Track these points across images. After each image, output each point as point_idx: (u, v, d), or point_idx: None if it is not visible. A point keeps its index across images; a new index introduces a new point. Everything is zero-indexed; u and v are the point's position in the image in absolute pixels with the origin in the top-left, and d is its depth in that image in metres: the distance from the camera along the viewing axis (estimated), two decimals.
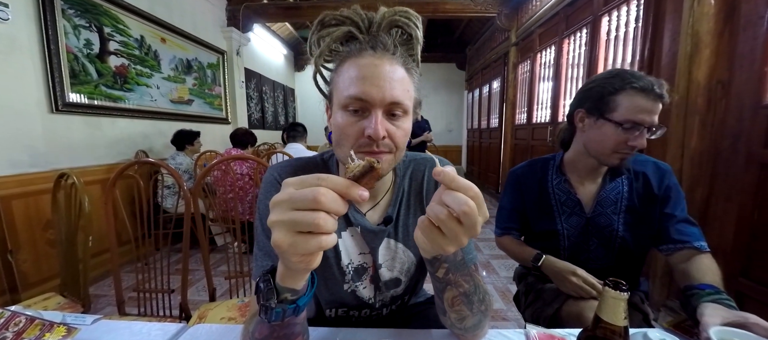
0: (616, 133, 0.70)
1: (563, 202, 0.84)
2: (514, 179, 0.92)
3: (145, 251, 1.07)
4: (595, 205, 0.80)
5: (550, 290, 0.82)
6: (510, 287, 1.97)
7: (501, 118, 4.16)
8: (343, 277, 0.57)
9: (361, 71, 0.44)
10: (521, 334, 0.56)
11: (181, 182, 0.99)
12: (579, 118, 0.79)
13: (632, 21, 1.92)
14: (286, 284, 0.35)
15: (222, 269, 2.13)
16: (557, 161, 0.87)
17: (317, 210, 0.29)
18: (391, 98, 0.44)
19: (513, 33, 3.72)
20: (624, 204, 0.79)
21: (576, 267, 0.76)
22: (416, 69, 0.50)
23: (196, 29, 3.14)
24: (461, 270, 0.43)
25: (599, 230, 0.80)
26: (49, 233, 1.79)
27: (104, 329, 0.57)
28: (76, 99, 1.99)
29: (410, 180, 0.59)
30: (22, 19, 1.71)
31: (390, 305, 0.63)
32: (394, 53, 0.46)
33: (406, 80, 0.47)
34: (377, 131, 0.43)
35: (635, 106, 0.67)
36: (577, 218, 0.82)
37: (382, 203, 0.57)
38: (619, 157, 0.73)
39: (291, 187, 0.30)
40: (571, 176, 0.84)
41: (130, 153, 2.40)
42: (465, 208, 0.31)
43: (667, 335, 0.52)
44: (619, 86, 0.69)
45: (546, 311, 0.79)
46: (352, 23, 0.48)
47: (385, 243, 0.57)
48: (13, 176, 1.65)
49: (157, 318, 1.02)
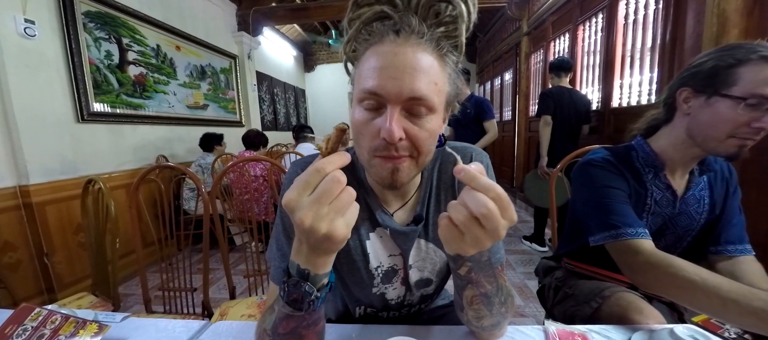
0: (736, 112, 0.56)
1: (659, 199, 0.69)
2: (610, 164, 0.70)
3: (169, 251, 1.11)
4: (682, 202, 0.69)
5: (585, 287, 0.74)
6: (527, 282, 1.93)
7: (514, 111, 4.06)
8: (371, 280, 0.55)
9: (378, 61, 0.38)
10: (540, 330, 0.55)
11: (199, 184, 1.02)
12: (684, 98, 0.63)
13: (652, 2, 1.83)
14: (306, 265, 0.35)
15: (241, 268, 2.19)
16: (645, 150, 0.71)
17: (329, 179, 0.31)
18: (410, 93, 0.37)
19: (524, 22, 3.61)
20: (706, 202, 0.70)
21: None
22: (454, 56, 0.42)
23: (208, 36, 3.22)
24: (485, 271, 0.40)
25: (675, 230, 0.71)
26: (80, 236, 1.89)
27: (132, 326, 0.60)
28: (99, 108, 2.08)
29: (439, 174, 0.54)
30: (48, 34, 1.80)
31: (419, 304, 0.61)
32: (422, 36, 0.39)
33: (435, 70, 0.39)
34: (391, 132, 0.37)
35: (764, 78, 0.53)
36: (660, 219, 0.70)
37: (410, 202, 0.53)
38: (738, 145, 0.58)
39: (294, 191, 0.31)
40: (668, 167, 0.69)
41: (151, 158, 2.49)
42: (483, 210, 0.29)
43: (696, 331, 0.50)
44: (742, 56, 0.55)
45: (583, 311, 0.71)
46: (387, 1, 0.41)
47: (416, 244, 0.53)
48: (46, 183, 1.75)
49: (182, 316, 1.06)
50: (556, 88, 2.21)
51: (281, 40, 5.12)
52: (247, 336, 0.56)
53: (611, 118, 2.21)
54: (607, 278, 0.75)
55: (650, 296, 0.72)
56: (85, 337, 0.52)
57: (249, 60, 3.88)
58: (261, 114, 4.31)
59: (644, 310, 0.62)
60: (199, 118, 3.09)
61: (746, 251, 0.66)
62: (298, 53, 5.91)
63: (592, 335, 0.53)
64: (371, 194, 0.52)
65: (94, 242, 1.07)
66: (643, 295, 0.70)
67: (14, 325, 0.53)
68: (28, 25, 1.67)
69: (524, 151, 3.78)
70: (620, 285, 0.71)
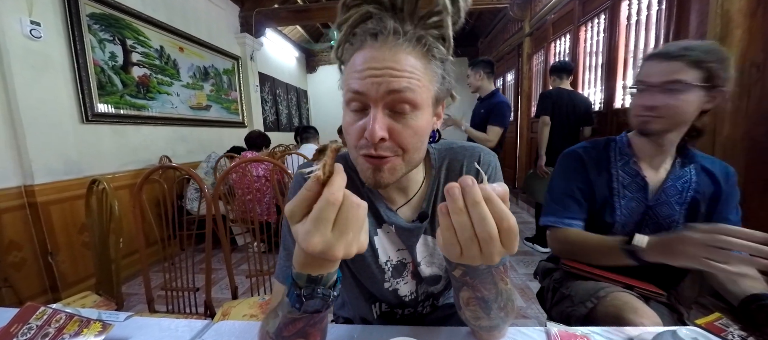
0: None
1: (627, 185, 0.76)
2: (575, 158, 0.80)
3: (171, 251, 1.12)
4: (660, 192, 0.74)
5: (581, 288, 0.76)
6: (529, 284, 1.92)
7: (516, 112, 4.05)
8: (382, 275, 0.55)
9: (360, 63, 0.39)
10: (542, 332, 0.55)
11: (202, 185, 1.03)
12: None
13: (655, 3, 1.82)
14: (318, 272, 0.35)
15: (243, 268, 2.20)
16: (622, 141, 0.80)
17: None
18: (388, 89, 0.38)
19: (526, 23, 3.61)
20: (689, 195, 0.72)
21: (700, 225, 0.56)
22: (441, 51, 0.41)
23: (211, 37, 3.24)
24: (481, 277, 0.40)
25: (657, 221, 0.74)
26: (84, 235, 1.91)
27: (135, 325, 0.60)
28: (103, 109, 2.10)
29: (447, 172, 0.54)
30: (53, 36, 1.82)
31: (433, 299, 0.61)
32: (401, 36, 0.39)
33: (418, 68, 0.39)
34: (372, 132, 0.38)
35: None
36: (636, 205, 0.75)
37: (415, 199, 0.54)
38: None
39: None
40: (642, 157, 0.77)
41: (155, 159, 2.51)
42: (485, 236, 0.29)
43: (699, 333, 0.50)
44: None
45: (578, 311, 0.72)
46: (373, 1, 0.40)
47: (422, 240, 0.54)
48: (50, 183, 1.77)
49: (184, 315, 1.07)
50: (555, 90, 2.23)
51: (283, 41, 5.14)
52: (249, 336, 0.57)
53: (613, 119, 2.20)
54: (603, 278, 0.75)
55: (647, 297, 0.73)
56: (89, 336, 0.53)
57: (251, 61, 3.90)
58: (263, 115, 4.33)
59: (639, 309, 0.63)
60: (202, 119, 3.10)
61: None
62: (300, 54, 5.93)
63: (594, 337, 0.53)
64: (375, 191, 0.52)
65: (97, 241, 1.08)
66: (639, 295, 0.70)
67: (19, 323, 0.53)
68: (33, 27, 1.69)
69: (527, 152, 3.77)
70: (616, 285, 0.71)
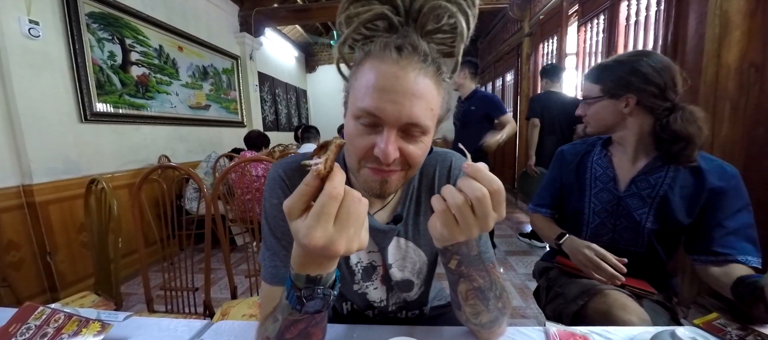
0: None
1: (598, 176, 0.82)
2: (558, 155, 0.91)
3: (171, 251, 1.12)
4: (631, 184, 0.77)
5: (574, 286, 0.78)
6: (528, 283, 1.93)
7: (515, 112, 4.05)
8: (352, 277, 0.55)
9: (379, 80, 0.38)
10: (541, 331, 0.55)
11: (201, 185, 1.02)
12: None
13: (654, 4, 1.82)
14: (318, 272, 0.34)
15: (242, 268, 2.20)
16: (604, 138, 0.86)
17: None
18: (408, 119, 0.38)
19: (526, 23, 3.61)
20: (661, 190, 0.73)
21: (592, 244, 0.73)
22: (448, 77, 0.42)
23: (210, 36, 3.23)
24: (475, 264, 0.42)
25: (628, 211, 0.77)
26: (83, 235, 1.90)
27: (134, 325, 0.60)
28: (102, 109, 2.10)
29: (420, 176, 0.55)
30: (52, 35, 1.81)
31: (406, 310, 0.61)
32: (424, 59, 0.38)
33: (432, 95, 0.40)
34: (386, 153, 0.38)
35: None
36: (608, 194, 0.80)
37: (391, 203, 0.55)
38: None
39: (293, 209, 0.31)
40: (616, 152, 0.82)
41: (154, 158, 2.50)
42: (478, 193, 0.32)
43: (698, 333, 0.50)
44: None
45: (569, 308, 0.75)
46: (388, 1, 0.39)
47: (395, 242, 0.54)
48: (49, 182, 1.76)
49: (183, 315, 1.07)
50: (544, 93, 2.29)
51: (283, 40, 5.13)
52: (248, 336, 0.57)
53: None
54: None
55: (639, 295, 0.74)
56: (88, 336, 0.53)
57: (251, 61, 3.89)
58: (263, 114, 4.32)
59: (628, 306, 0.65)
60: (201, 118, 3.10)
61: (729, 259, 0.65)
62: (299, 54, 5.92)
63: (593, 336, 0.53)
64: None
65: (96, 241, 1.08)
66: (631, 294, 0.72)
67: (18, 323, 0.53)
68: (32, 26, 1.68)
69: (525, 152, 3.77)
70: (608, 284, 0.72)
